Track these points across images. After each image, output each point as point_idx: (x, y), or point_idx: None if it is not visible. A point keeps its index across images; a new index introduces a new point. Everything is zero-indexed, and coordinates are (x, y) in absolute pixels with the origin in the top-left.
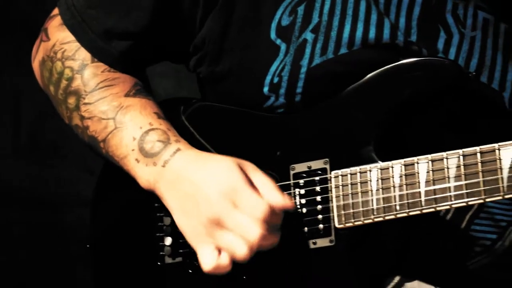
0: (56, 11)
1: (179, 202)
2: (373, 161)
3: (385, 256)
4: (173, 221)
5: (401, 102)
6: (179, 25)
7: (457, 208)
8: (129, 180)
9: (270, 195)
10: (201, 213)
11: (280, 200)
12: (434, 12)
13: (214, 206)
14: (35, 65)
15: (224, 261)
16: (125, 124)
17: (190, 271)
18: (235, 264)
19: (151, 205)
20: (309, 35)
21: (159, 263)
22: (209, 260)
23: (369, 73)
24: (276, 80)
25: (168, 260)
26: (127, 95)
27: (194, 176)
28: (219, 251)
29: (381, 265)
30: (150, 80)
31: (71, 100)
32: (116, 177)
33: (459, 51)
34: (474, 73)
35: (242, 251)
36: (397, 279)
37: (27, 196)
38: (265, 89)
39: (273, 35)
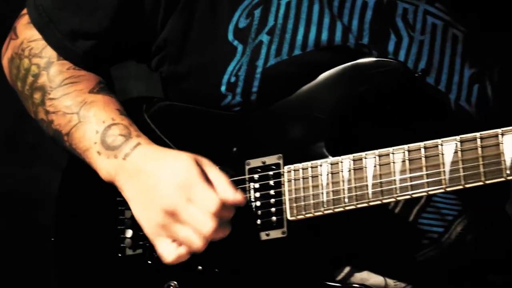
0: (25, 10)
1: (138, 194)
2: (324, 156)
3: (336, 247)
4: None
5: (350, 101)
6: (142, 26)
7: (405, 202)
8: (92, 175)
9: (223, 190)
10: (158, 205)
11: (232, 195)
12: (385, 16)
13: (170, 199)
14: (4, 62)
15: (182, 251)
16: (89, 119)
17: (149, 262)
18: (192, 256)
19: (113, 199)
20: (264, 37)
21: (120, 255)
22: (169, 252)
23: (321, 73)
24: (233, 79)
25: (129, 252)
26: (91, 91)
27: (153, 169)
28: (176, 242)
29: (332, 256)
30: (124, 82)
31: (37, 96)
32: (80, 172)
33: (408, 53)
34: (420, 73)
35: (196, 244)
36: (347, 269)
37: (4, 196)
38: (223, 88)
39: (230, 36)
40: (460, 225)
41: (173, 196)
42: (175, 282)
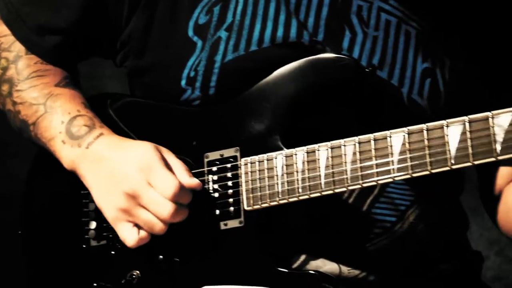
0: None
1: (99, 180)
2: (279, 149)
3: (292, 236)
4: (97, 207)
5: (304, 95)
6: (106, 22)
7: (358, 192)
8: (58, 170)
9: (180, 175)
10: (119, 188)
11: (188, 179)
12: (340, 13)
13: (131, 181)
14: None
15: (143, 235)
16: (55, 109)
17: (113, 252)
18: (153, 245)
19: (78, 192)
20: (223, 33)
21: (84, 246)
22: (131, 236)
23: (277, 69)
24: (192, 74)
25: (93, 243)
26: (57, 85)
27: (114, 155)
28: (137, 226)
29: (288, 244)
30: (99, 81)
31: (5, 87)
32: (46, 167)
33: (362, 49)
34: (370, 69)
35: (156, 226)
36: (302, 257)
37: None
38: (183, 82)
39: (190, 32)
40: (412, 215)
41: (134, 178)
42: (138, 272)
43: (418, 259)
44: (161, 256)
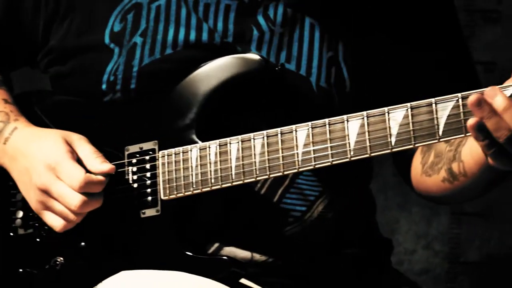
0: None
1: (20, 175)
2: (194, 142)
3: (207, 224)
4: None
5: (218, 93)
6: (24, 36)
7: (270, 184)
8: None
9: (91, 162)
10: (34, 184)
11: (99, 165)
12: (247, 15)
13: (42, 177)
14: None
15: (60, 223)
16: None
17: (38, 240)
18: (76, 233)
19: (6, 183)
20: (138, 39)
21: (12, 234)
22: (55, 222)
23: (191, 69)
24: (112, 78)
25: (21, 231)
26: None
27: (28, 151)
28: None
29: (203, 232)
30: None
31: None
32: None
33: (270, 46)
34: (280, 67)
35: (70, 217)
36: (217, 244)
37: None
38: (103, 87)
39: (107, 40)
40: (321, 204)
41: (43, 174)
42: (61, 258)
43: (326, 245)
44: (83, 243)
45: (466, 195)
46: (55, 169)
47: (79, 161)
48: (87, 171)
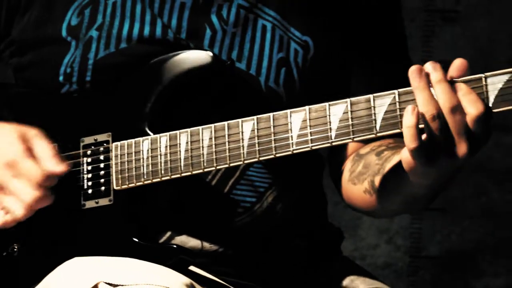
0: None
1: None
2: (146, 134)
3: (159, 213)
4: None
5: (170, 87)
6: None
7: (221, 175)
8: None
9: (47, 162)
10: None
11: (53, 167)
12: (201, 13)
13: None
14: None
15: (7, 219)
16: None
17: None
18: (30, 221)
19: None
20: (94, 33)
21: None
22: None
23: (145, 63)
24: (68, 70)
25: None
26: None
27: None
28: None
29: (154, 221)
30: None
31: None
32: None
33: (222, 45)
34: (229, 62)
35: (17, 212)
36: (168, 234)
37: None
38: (60, 78)
39: (64, 33)
40: (271, 196)
41: (0, 173)
42: (18, 245)
43: (276, 235)
44: (37, 231)
45: (383, 210)
46: (12, 167)
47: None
48: None
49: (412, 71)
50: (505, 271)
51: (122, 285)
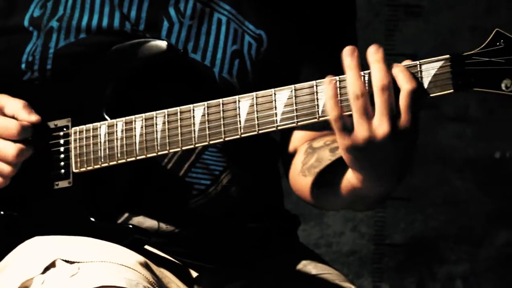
0: None
1: None
2: (104, 119)
3: (116, 195)
4: None
5: (126, 74)
6: None
7: (177, 159)
8: None
9: (18, 113)
10: None
11: (28, 116)
12: (159, 6)
13: None
14: None
15: None
16: None
17: None
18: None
19: None
20: (55, 23)
21: None
22: None
23: (103, 52)
24: (30, 58)
25: None
26: None
27: None
28: None
29: (113, 203)
30: None
31: None
32: None
33: (178, 36)
34: (182, 51)
35: (6, 169)
36: (126, 215)
37: None
38: (23, 66)
39: (26, 23)
40: (226, 178)
41: None
42: None
43: (231, 217)
44: (1, 212)
45: (332, 205)
46: None
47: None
48: None
49: (346, 50)
50: (467, 257)
51: (78, 262)
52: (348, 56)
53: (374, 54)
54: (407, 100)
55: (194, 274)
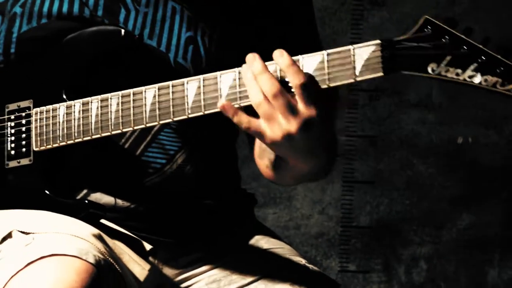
0: None
1: None
2: (63, 101)
3: (76, 172)
4: None
5: (84, 58)
6: None
7: (134, 139)
8: None
9: None
10: None
11: None
12: None
13: None
14: None
15: None
16: None
17: None
18: None
19: None
20: (18, 9)
21: None
22: None
23: (64, 37)
24: None
25: None
26: None
27: None
28: None
29: (72, 179)
30: None
31: None
32: None
33: (135, 23)
34: (137, 36)
35: None
36: (85, 191)
37: None
38: None
39: None
40: (180, 158)
41: None
42: None
43: (186, 194)
44: None
45: (284, 182)
46: None
47: None
48: None
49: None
50: (430, 239)
51: (34, 233)
52: (244, 71)
53: (253, 65)
54: (301, 94)
55: (148, 246)
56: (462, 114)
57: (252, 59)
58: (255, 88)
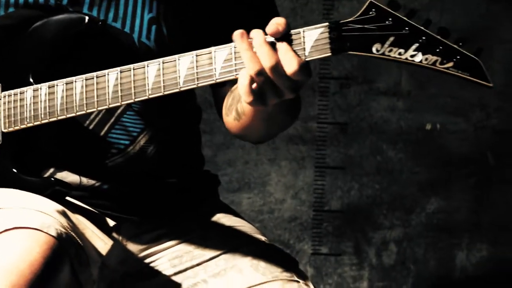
0: None
1: None
2: (30, 84)
3: (43, 153)
4: None
5: (50, 44)
6: None
7: (98, 121)
8: None
9: None
10: None
11: None
12: None
13: None
14: None
15: None
16: None
17: None
18: None
19: None
20: None
21: None
22: None
23: (31, 25)
24: None
25: None
26: None
27: None
28: None
29: (39, 159)
30: None
31: None
32: None
33: (100, 8)
34: (101, 22)
35: None
36: (51, 170)
37: None
38: None
39: None
40: (143, 139)
41: None
42: None
43: (149, 174)
44: None
45: (253, 133)
46: None
47: None
48: None
49: (235, 35)
50: (400, 223)
51: (0, 208)
52: (238, 40)
53: (255, 38)
54: (293, 76)
55: (112, 223)
56: (430, 101)
57: (244, 34)
58: (252, 58)
